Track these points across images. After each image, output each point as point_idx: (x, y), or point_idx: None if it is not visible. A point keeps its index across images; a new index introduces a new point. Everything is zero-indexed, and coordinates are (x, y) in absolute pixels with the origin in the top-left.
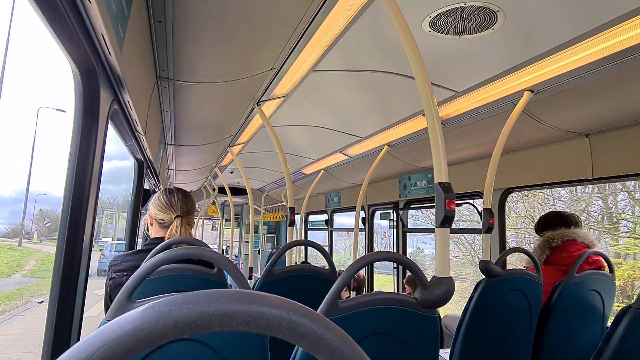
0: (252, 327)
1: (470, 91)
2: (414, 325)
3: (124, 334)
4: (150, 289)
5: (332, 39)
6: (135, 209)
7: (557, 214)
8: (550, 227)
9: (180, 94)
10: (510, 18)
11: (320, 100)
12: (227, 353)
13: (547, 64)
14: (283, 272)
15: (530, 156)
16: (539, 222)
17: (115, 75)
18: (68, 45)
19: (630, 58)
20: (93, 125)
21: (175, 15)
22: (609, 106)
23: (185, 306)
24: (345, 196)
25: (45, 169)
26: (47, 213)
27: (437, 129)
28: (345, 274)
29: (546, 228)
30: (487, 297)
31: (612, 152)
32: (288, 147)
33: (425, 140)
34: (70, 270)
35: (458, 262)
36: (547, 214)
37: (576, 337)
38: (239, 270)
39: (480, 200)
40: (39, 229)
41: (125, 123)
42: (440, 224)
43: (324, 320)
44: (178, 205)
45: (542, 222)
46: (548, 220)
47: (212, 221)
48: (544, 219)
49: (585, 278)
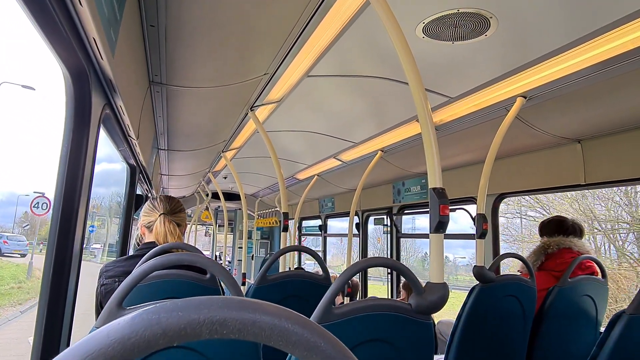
0: (244, 335)
1: (463, 97)
2: (408, 331)
3: (112, 342)
4: (142, 295)
5: (326, 44)
6: (127, 214)
7: (558, 220)
8: (549, 233)
9: (173, 98)
10: (503, 25)
11: (314, 105)
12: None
13: (539, 70)
14: (276, 278)
15: (523, 162)
16: (540, 226)
17: (107, 80)
18: (59, 48)
19: (622, 64)
20: (84, 129)
21: (168, 20)
22: (601, 112)
23: (175, 314)
24: (339, 201)
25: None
26: (31, 216)
27: (431, 134)
28: (339, 280)
29: (544, 233)
30: (481, 303)
31: (604, 157)
32: (282, 153)
33: (419, 145)
34: (60, 277)
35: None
36: (548, 219)
37: (570, 342)
38: (231, 276)
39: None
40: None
41: (117, 128)
42: (435, 230)
43: (317, 327)
44: (161, 206)
45: (542, 227)
46: (547, 225)
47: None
48: (544, 223)
49: (578, 283)
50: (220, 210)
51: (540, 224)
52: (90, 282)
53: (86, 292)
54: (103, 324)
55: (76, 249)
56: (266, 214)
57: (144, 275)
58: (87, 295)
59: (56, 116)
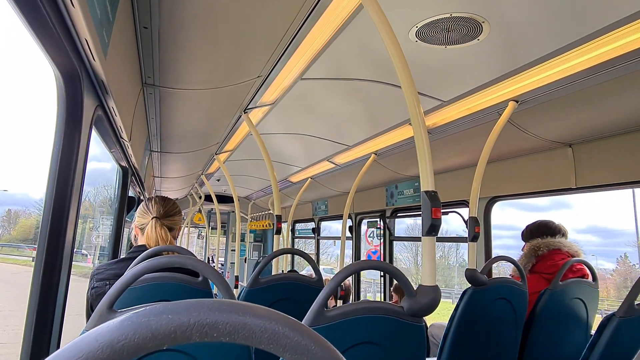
0: (234, 338)
1: (456, 100)
2: (400, 334)
3: (100, 346)
4: (133, 298)
5: (319, 47)
6: (119, 216)
7: (544, 223)
8: (537, 235)
9: (166, 100)
10: (496, 29)
11: (308, 108)
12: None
13: (531, 74)
14: (269, 281)
15: (515, 165)
16: (525, 230)
17: (99, 81)
18: (50, 49)
19: (613, 69)
20: (76, 131)
21: (161, 21)
22: (592, 116)
23: (164, 316)
24: (333, 204)
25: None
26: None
27: (424, 137)
28: (331, 283)
29: (532, 236)
30: (473, 306)
31: (594, 161)
32: (275, 155)
33: (411, 148)
34: (50, 279)
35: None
36: (534, 222)
37: (561, 345)
38: (223, 278)
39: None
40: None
41: (109, 129)
42: (427, 232)
43: (308, 330)
44: (154, 208)
45: (529, 230)
46: (535, 228)
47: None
48: (531, 227)
49: (569, 286)
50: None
51: (527, 229)
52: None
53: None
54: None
55: (67, 250)
56: (259, 216)
57: (135, 277)
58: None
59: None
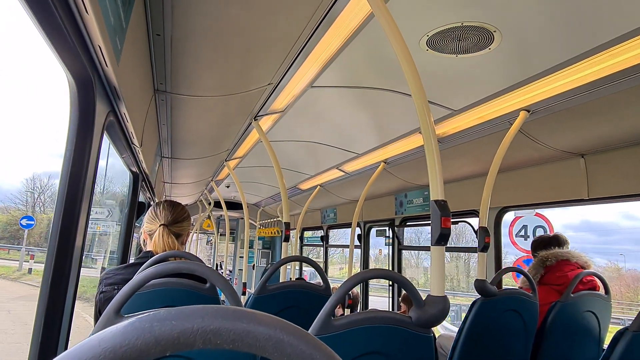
0: (238, 346)
1: (466, 110)
2: (408, 344)
3: (103, 350)
4: (140, 303)
5: (330, 55)
6: (129, 221)
7: (553, 236)
8: (544, 247)
9: (177, 107)
10: (507, 38)
11: (318, 116)
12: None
13: (543, 84)
14: (277, 288)
15: (526, 175)
16: (533, 243)
17: (112, 87)
18: (64, 55)
19: (626, 80)
20: (88, 136)
21: (174, 29)
22: (605, 127)
23: (168, 322)
24: (341, 212)
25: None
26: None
27: (434, 146)
28: (339, 291)
29: (540, 248)
30: (483, 317)
31: (608, 172)
32: (285, 163)
33: (421, 157)
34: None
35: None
36: (542, 235)
37: (572, 359)
38: (230, 285)
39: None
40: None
41: (121, 135)
42: (436, 242)
43: (312, 339)
44: (163, 215)
45: (537, 243)
46: (542, 241)
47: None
48: (539, 239)
49: (581, 299)
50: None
51: (534, 242)
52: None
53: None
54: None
55: (76, 255)
56: (268, 223)
57: (142, 283)
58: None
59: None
